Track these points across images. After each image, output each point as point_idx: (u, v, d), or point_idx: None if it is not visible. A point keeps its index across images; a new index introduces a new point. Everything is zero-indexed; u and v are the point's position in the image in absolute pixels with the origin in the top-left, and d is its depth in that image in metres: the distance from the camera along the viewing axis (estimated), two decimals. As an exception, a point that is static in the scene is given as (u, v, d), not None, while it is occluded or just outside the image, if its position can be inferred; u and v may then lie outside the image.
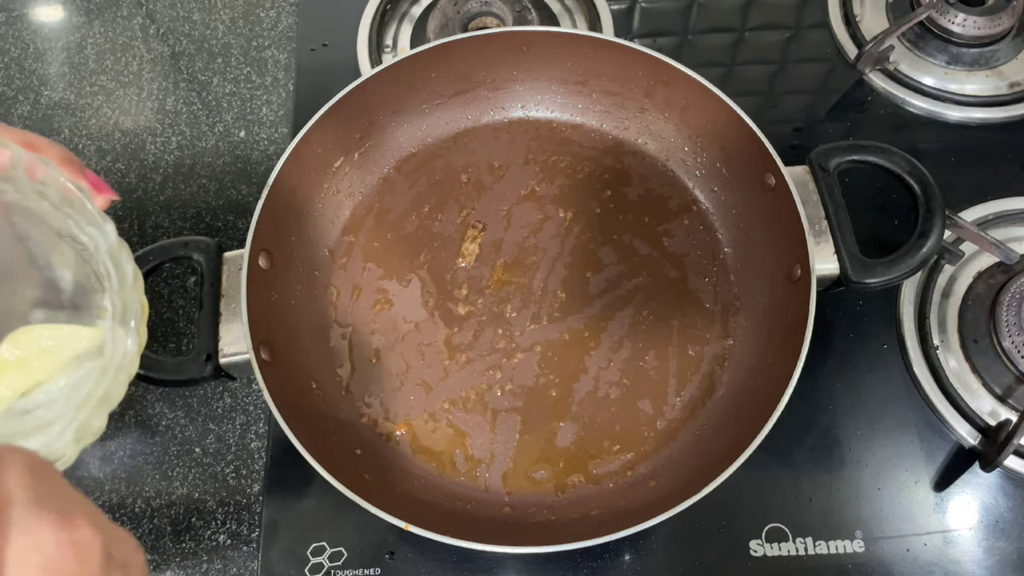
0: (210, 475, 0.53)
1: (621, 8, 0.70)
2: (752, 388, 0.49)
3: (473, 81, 0.60)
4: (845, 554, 0.48)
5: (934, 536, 0.49)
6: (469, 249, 0.57)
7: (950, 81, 0.64)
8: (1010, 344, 0.52)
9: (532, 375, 0.52)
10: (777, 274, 0.51)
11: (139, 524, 0.51)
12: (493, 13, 0.67)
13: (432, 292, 0.55)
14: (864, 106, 0.64)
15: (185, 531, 0.51)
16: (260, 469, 0.52)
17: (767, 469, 0.50)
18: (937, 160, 0.60)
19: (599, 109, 0.61)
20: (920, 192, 0.49)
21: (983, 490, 0.50)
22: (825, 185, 0.50)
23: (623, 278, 0.55)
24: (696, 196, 0.58)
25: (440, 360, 0.53)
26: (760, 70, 0.67)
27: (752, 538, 0.49)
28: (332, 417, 0.51)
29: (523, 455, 0.50)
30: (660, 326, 0.54)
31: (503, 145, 0.61)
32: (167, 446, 0.53)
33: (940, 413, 0.52)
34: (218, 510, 0.52)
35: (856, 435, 0.52)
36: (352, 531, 0.49)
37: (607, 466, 0.50)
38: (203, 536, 0.51)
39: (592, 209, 0.58)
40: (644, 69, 0.56)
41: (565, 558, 0.49)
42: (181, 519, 0.51)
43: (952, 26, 0.64)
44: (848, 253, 0.48)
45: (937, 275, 0.55)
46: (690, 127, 0.57)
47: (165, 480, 0.52)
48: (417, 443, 0.51)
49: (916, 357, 0.53)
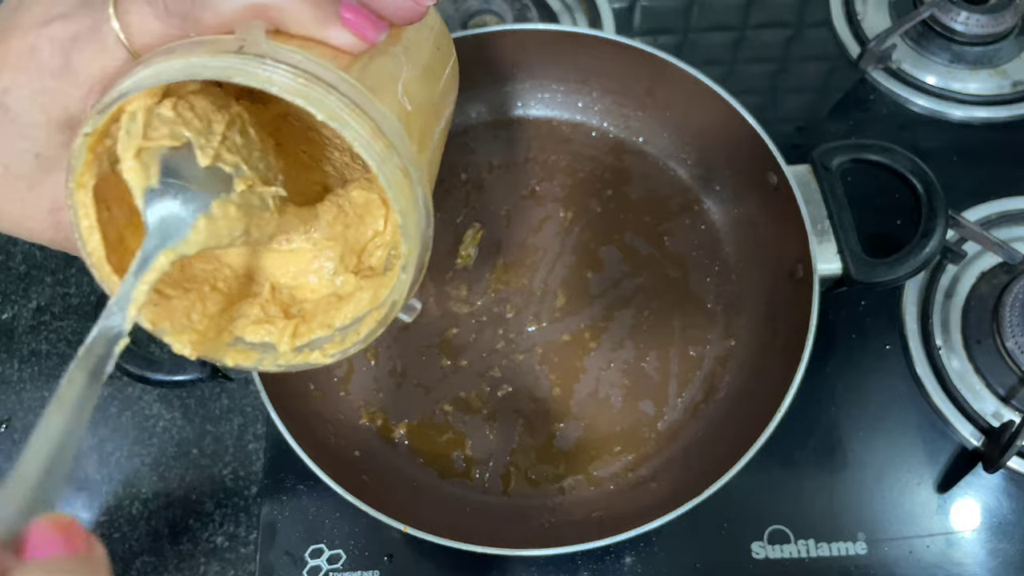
0: (207, 476, 0.52)
1: (622, 6, 0.70)
2: (754, 389, 0.49)
3: (472, 79, 0.59)
4: (847, 556, 0.48)
5: (937, 538, 0.48)
6: (468, 249, 0.56)
7: (953, 80, 0.64)
8: (1013, 345, 0.51)
9: (532, 376, 0.52)
10: (779, 274, 0.50)
11: (136, 526, 0.51)
12: (492, 11, 0.67)
13: (431, 292, 0.55)
14: (866, 105, 0.64)
15: (182, 533, 0.51)
16: (258, 471, 0.52)
17: (769, 470, 0.50)
18: (940, 159, 0.60)
19: (599, 108, 0.60)
20: (923, 191, 0.48)
21: (986, 492, 0.50)
22: (827, 184, 0.49)
23: (624, 278, 0.55)
24: (697, 195, 0.58)
25: (439, 361, 0.53)
26: (762, 68, 0.67)
27: (754, 540, 0.49)
28: (330, 419, 0.50)
29: (523, 457, 0.50)
30: (661, 326, 0.53)
31: (502, 144, 0.61)
32: (164, 447, 0.53)
33: (943, 414, 0.51)
34: (216, 512, 0.51)
35: (858, 436, 0.51)
36: (350, 533, 0.49)
37: (608, 468, 0.50)
38: (200, 538, 0.50)
39: (592, 208, 0.58)
40: (645, 67, 0.55)
41: (565, 560, 0.49)
42: (178, 521, 0.51)
43: (955, 25, 0.64)
44: (851, 253, 0.47)
45: (940, 275, 0.55)
46: (691, 126, 0.57)
47: (162, 481, 0.52)
48: (416, 445, 0.51)
49: (919, 358, 0.53)
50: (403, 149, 0.28)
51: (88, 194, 0.27)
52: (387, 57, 0.30)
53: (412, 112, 0.30)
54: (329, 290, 0.34)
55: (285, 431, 0.43)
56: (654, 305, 0.54)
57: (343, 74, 0.27)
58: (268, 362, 0.32)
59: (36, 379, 0.55)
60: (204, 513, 0.51)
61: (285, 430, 0.43)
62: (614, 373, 0.52)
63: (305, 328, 0.33)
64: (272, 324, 0.33)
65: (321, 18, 0.27)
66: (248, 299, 0.34)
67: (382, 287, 0.32)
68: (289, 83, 0.25)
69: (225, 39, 0.26)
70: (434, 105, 0.34)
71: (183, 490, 0.52)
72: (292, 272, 0.34)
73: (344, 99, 0.26)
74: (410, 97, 0.30)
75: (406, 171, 0.28)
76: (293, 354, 0.32)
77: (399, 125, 0.28)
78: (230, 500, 0.52)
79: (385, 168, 0.27)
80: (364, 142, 0.26)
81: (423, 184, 0.29)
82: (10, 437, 0.54)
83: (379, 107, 0.27)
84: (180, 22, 0.26)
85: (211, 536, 0.50)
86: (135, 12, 0.26)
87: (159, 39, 0.27)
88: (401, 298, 0.30)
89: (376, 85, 0.28)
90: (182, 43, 0.26)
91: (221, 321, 0.33)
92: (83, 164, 0.26)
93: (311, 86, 0.25)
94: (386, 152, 0.27)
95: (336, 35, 0.27)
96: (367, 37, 0.27)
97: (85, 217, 0.27)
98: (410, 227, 0.28)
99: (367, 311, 0.32)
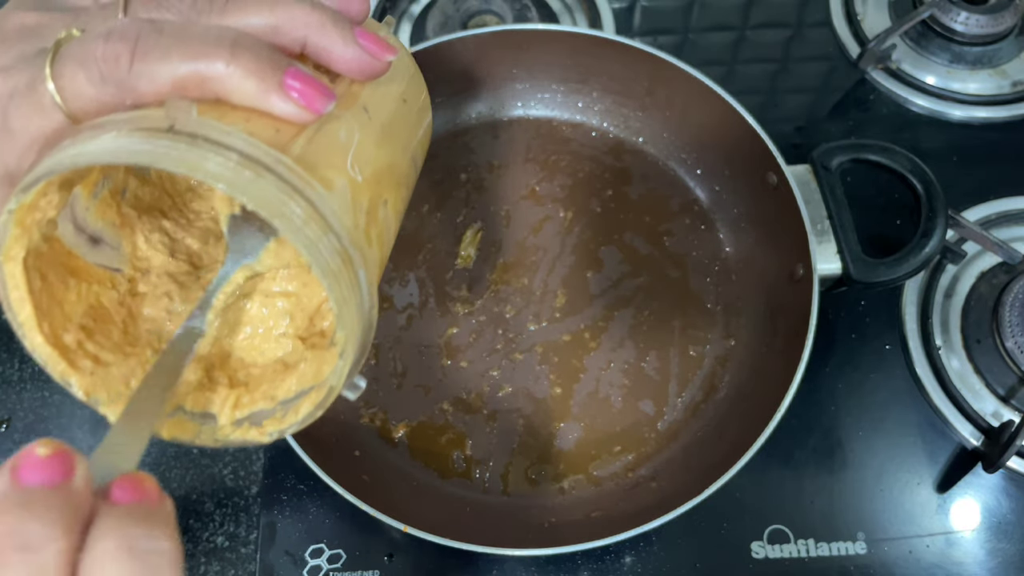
0: (207, 476, 0.52)
1: (622, 6, 0.70)
2: (754, 389, 0.49)
3: (472, 79, 0.59)
4: (847, 556, 0.48)
5: (937, 538, 0.48)
6: (468, 249, 0.56)
7: (952, 80, 0.64)
8: (1013, 344, 0.51)
9: (532, 376, 0.52)
10: (779, 274, 0.50)
11: (136, 526, 0.51)
12: (493, 11, 0.67)
13: (431, 292, 0.55)
14: (866, 105, 0.64)
15: (182, 533, 0.51)
16: (258, 470, 0.52)
17: (769, 470, 0.50)
18: (940, 159, 0.60)
19: (599, 108, 0.60)
20: (923, 191, 0.49)
21: (986, 491, 0.50)
22: (827, 184, 0.49)
23: (624, 278, 0.55)
24: (697, 195, 0.58)
25: (439, 361, 0.53)
26: (762, 69, 0.67)
27: (754, 540, 0.49)
28: (330, 419, 0.50)
29: (523, 456, 0.50)
30: (661, 326, 0.53)
31: (502, 144, 0.61)
32: (164, 447, 0.53)
33: (943, 414, 0.51)
34: (216, 512, 0.51)
35: (858, 436, 0.51)
36: (351, 533, 0.49)
37: (608, 467, 0.50)
38: (200, 538, 0.50)
39: (592, 208, 0.58)
40: (645, 67, 0.55)
41: (565, 560, 0.49)
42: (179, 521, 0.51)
43: (955, 25, 0.64)
44: (850, 253, 0.48)
45: (940, 275, 0.55)
46: (691, 126, 0.57)
47: (162, 481, 0.52)
48: (416, 444, 0.51)
49: (919, 357, 0.53)
50: (344, 229, 0.26)
51: (18, 266, 0.26)
52: (339, 123, 0.28)
53: (364, 182, 0.28)
54: (277, 354, 0.33)
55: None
56: (654, 305, 0.54)
57: (277, 154, 0.25)
58: (206, 436, 0.30)
59: (36, 379, 0.55)
60: (204, 513, 0.51)
61: (285, 430, 0.43)
62: (614, 373, 0.52)
63: (248, 399, 0.31)
64: (214, 392, 0.31)
65: (263, 88, 0.25)
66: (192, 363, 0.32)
67: (325, 363, 0.31)
68: (217, 169, 0.24)
69: (155, 115, 0.25)
70: (395, 165, 0.32)
71: (183, 490, 0.52)
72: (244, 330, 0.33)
73: (278, 182, 0.24)
74: (363, 165, 0.29)
75: (345, 254, 0.26)
76: (232, 427, 0.31)
77: (342, 203, 0.27)
78: (230, 500, 0.51)
79: (318, 255, 0.25)
80: (294, 230, 0.24)
81: (368, 263, 0.28)
82: (10, 437, 0.54)
83: (317, 188, 0.26)
84: (115, 90, 0.25)
85: (211, 536, 0.50)
86: (69, 76, 0.25)
87: (94, 105, 0.25)
88: (338, 384, 0.28)
89: (321, 159, 0.26)
90: (112, 118, 0.25)
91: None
92: (11, 238, 0.25)
93: (239, 170, 0.24)
94: (320, 237, 0.25)
95: (280, 106, 0.26)
96: (313, 108, 0.26)
97: (15, 288, 0.27)
98: (346, 315, 0.26)
99: (309, 387, 0.30)
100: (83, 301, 0.30)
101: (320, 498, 0.50)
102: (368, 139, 0.29)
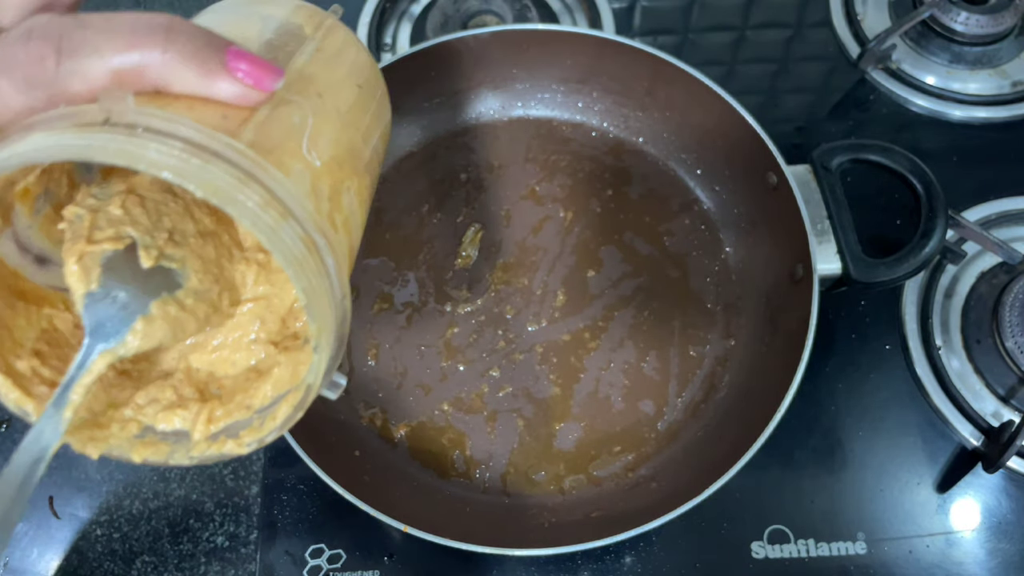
0: (208, 476, 0.52)
1: (622, 6, 0.70)
2: (754, 389, 0.49)
3: (472, 80, 0.59)
4: (847, 556, 0.48)
5: (937, 538, 0.48)
6: (468, 249, 0.56)
7: (953, 80, 0.64)
8: (1013, 344, 0.51)
9: (532, 376, 0.52)
10: (779, 274, 0.50)
11: (136, 526, 0.51)
12: (493, 11, 0.67)
13: (431, 292, 0.55)
14: (866, 105, 0.64)
15: (183, 533, 0.51)
16: (258, 470, 0.52)
17: (769, 470, 0.50)
18: (940, 159, 0.60)
19: (600, 108, 0.60)
20: (923, 192, 0.49)
21: (986, 491, 0.50)
22: (827, 184, 0.49)
23: (624, 278, 0.55)
24: (697, 195, 0.58)
25: (439, 361, 0.53)
26: (762, 69, 0.66)
27: (754, 540, 0.49)
28: (330, 419, 0.50)
29: (523, 456, 0.50)
30: (661, 326, 0.53)
31: (503, 144, 0.61)
32: (164, 447, 0.53)
33: (943, 414, 0.51)
34: (216, 512, 0.51)
35: (858, 436, 0.51)
36: (351, 533, 0.49)
37: (608, 467, 0.50)
38: (201, 538, 0.50)
39: (592, 208, 0.58)
40: (645, 67, 0.55)
41: (565, 560, 0.49)
42: (179, 521, 0.51)
43: (955, 25, 0.64)
44: (850, 253, 0.47)
45: (940, 275, 0.55)
46: (691, 126, 0.57)
47: (163, 482, 0.52)
48: (416, 444, 0.51)
49: (919, 358, 0.53)
50: (306, 214, 0.25)
51: None
52: (291, 107, 0.27)
53: (323, 167, 0.27)
54: (250, 362, 0.31)
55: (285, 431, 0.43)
56: (654, 305, 0.54)
57: (227, 139, 0.24)
58: (180, 455, 0.29)
59: (36, 379, 0.55)
60: (204, 513, 0.51)
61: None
62: (614, 373, 0.52)
63: (222, 411, 0.30)
64: (186, 408, 0.30)
65: (204, 72, 0.24)
66: (158, 381, 0.30)
67: (301, 364, 0.30)
68: (159, 158, 0.22)
69: (89, 109, 0.23)
70: (356, 151, 0.31)
71: (183, 490, 0.52)
72: (211, 344, 0.31)
73: (229, 168, 0.23)
74: (321, 150, 0.27)
75: (308, 240, 0.25)
76: (207, 443, 0.29)
77: (301, 188, 0.25)
78: (230, 500, 0.51)
79: (278, 242, 0.24)
80: (252, 216, 0.23)
81: (335, 250, 0.26)
82: (10, 437, 0.54)
83: (273, 172, 0.24)
84: (44, 94, 0.23)
85: (212, 536, 0.50)
86: None
87: (24, 115, 0.23)
88: (316, 382, 0.26)
89: (275, 144, 0.25)
90: (42, 117, 0.23)
91: (127, 411, 0.30)
92: None
93: (185, 157, 0.22)
94: (280, 223, 0.24)
95: (225, 88, 0.24)
96: (262, 86, 0.25)
97: None
98: (316, 306, 0.25)
99: (287, 390, 0.29)
100: (34, 325, 0.28)
101: (320, 498, 0.50)
102: (324, 123, 0.28)
